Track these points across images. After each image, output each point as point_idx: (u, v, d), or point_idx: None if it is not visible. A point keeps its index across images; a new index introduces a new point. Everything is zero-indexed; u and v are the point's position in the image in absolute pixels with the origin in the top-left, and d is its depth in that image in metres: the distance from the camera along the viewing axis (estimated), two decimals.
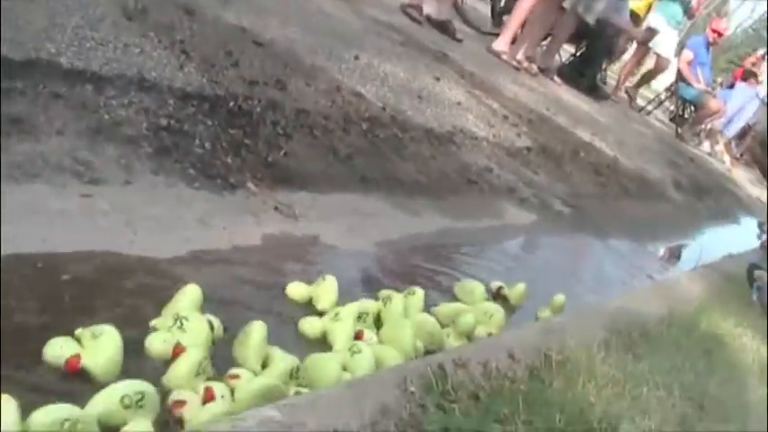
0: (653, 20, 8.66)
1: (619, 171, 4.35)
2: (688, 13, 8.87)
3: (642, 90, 10.24)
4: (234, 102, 1.97)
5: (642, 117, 8.60)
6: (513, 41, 5.75)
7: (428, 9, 5.14)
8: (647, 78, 9.77)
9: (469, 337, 1.56)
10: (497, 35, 5.93)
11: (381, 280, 1.71)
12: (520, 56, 5.74)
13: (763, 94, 10.12)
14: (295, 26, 2.94)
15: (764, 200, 8.08)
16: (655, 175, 5.11)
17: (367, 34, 3.57)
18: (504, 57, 5.47)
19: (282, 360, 1.17)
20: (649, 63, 9.98)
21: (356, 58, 2.98)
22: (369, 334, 1.37)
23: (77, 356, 0.99)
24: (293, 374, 1.15)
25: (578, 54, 7.79)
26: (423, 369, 1.14)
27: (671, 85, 9.95)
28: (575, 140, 4.30)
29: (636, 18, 8.29)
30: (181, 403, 1.00)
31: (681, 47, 9.37)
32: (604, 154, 4.51)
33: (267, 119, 2.03)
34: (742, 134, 11.38)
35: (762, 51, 11.60)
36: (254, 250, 1.54)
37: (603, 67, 8.45)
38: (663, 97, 10.37)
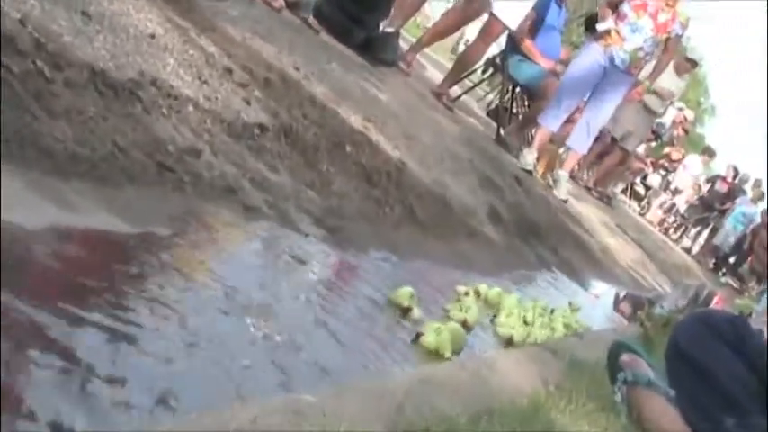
0: None
1: (405, 183, 4.61)
2: None
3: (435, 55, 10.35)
4: None
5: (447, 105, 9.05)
6: None
7: None
8: (471, 55, 9.33)
9: None
10: None
11: None
12: None
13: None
14: None
15: (631, 256, 9.01)
16: (462, 197, 5.49)
17: None
18: None
19: None
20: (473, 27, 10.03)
21: None
22: None
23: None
24: None
25: None
26: None
27: (494, 58, 10.41)
28: (338, 125, 4.49)
29: None
30: None
31: None
32: (384, 154, 4.75)
33: None
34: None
35: None
36: None
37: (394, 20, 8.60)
38: (479, 78, 10.99)
